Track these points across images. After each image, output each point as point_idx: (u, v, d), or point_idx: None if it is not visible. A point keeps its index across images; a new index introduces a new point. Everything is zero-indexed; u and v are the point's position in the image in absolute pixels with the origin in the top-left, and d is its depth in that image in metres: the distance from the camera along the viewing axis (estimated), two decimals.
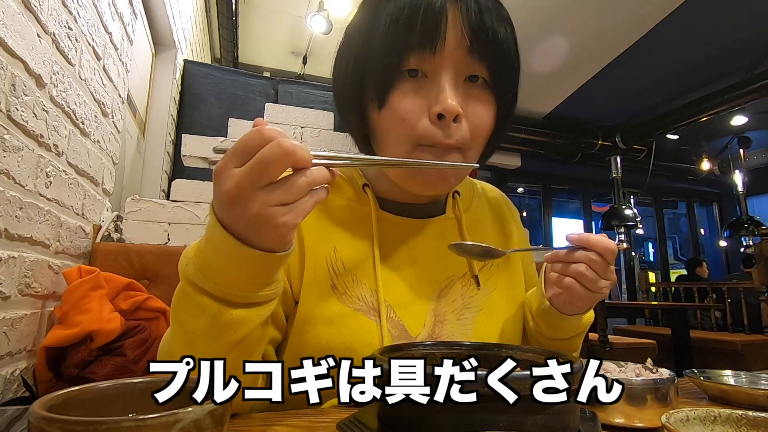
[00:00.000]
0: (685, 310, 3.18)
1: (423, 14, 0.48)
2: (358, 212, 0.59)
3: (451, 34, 0.49)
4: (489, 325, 0.59)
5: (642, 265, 5.69)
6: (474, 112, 0.51)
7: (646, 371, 0.53)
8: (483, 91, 0.53)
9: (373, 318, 0.54)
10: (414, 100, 0.50)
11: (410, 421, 0.36)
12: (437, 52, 0.49)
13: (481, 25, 0.49)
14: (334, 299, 0.54)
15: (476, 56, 0.50)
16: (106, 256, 1.25)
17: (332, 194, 0.59)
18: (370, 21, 0.52)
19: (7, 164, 0.82)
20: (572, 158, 5.63)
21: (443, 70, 0.49)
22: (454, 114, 0.49)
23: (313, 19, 3.36)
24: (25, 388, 0.94)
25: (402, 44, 0.49)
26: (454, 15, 0.49)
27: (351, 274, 0.56)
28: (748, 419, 0.39)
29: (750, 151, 5.97)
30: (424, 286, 0.59)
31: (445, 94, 0.48)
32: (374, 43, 0.51)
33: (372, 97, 0.52)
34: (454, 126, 0.50)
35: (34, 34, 0.88)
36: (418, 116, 0.50)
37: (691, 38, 3.77)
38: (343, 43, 0.58)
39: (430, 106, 0.49)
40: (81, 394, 0.33)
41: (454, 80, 0.50)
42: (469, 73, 0.51)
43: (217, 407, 0.31)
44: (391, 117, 0.51)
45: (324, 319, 0.53)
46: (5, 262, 0.84)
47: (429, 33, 0.48)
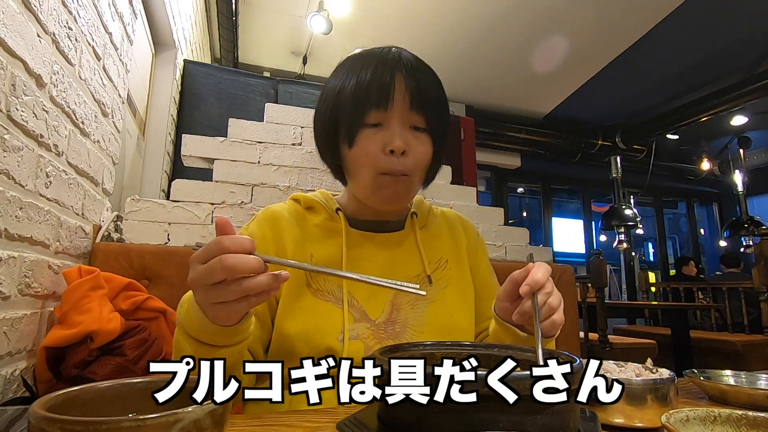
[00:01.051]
0: (685, 310, 3.17)
1: (378, 85, 0.68)
2: (331, 228, 0.76)
3: (398, 98, 0.68)
4: (440, 314, 0.72)
5: (642, 265, 5.68)
6: (416, 149, 0.69)
7: (646, 371, 0.53)
8: (422, 134, 0.70)
9: (339, 306, 0.68)
10: (374, 142, 0.68)
11: (410, 421, 0.36)
12: (388, 109, 0.68)
13: (418, 90, 0.68)
14: (309, 294, 0.69)
15: (415, 112, 0.69)
16: (106, 256, 1.25)
17: (311, 215, 0.77)
18: (342, 86, 0.71)
19: (7, 164, 0.82)
20: (572, 158, 5.63)
21: (393, 121, 0.68)
22: (401, 150, 0.67)
23: (313, 19, 3.36)
24: (25, 388, 0.94)
25: (363, 104, 0.68)
26: (399, 84, 0.68)
27: (323, 275, 0.70)
28: (748, 419, 0.39)
29: (750, 151, 5.97)
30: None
31: (395, 137, 0.67)
32: (344, 103, 0.70)
33: (343, 139, 0.71)
34: (402, 158, 0.68)
35: (34, 34, 0.88)
36: (378, 152, 0.68)
37: (691, 38, 3.77)
38: (319, 101, 0.77)
39: (385, 146, 0.67)
40: (81, 394, 0.34)
41: (401, 128, 0.68)
42: (411, 124, 0.70)
43: (217, 407, 0.31)
44: (358, 153, 0.69)
45: (301, 309, 0.68)
46: (5, 262, 0.84)
47: (383, 97, 0.67)
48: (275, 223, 0.74)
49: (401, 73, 0.69)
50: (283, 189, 1.67)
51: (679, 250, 7.92)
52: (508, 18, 3.57)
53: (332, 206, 0.77)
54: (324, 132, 0.75)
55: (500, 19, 3.58)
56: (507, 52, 4.06)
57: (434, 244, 0.80)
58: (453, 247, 0.82)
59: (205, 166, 1.67)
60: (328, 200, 0.79)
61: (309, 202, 0.78)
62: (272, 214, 0.76)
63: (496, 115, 5.15)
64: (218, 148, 1.64)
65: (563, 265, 1.80)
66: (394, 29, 3.70)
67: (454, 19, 3.57)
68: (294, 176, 1.70)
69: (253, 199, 1.61)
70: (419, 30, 3.72)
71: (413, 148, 0.69)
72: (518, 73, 4.43)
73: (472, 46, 3.97)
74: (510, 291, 0.60)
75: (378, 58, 0.71)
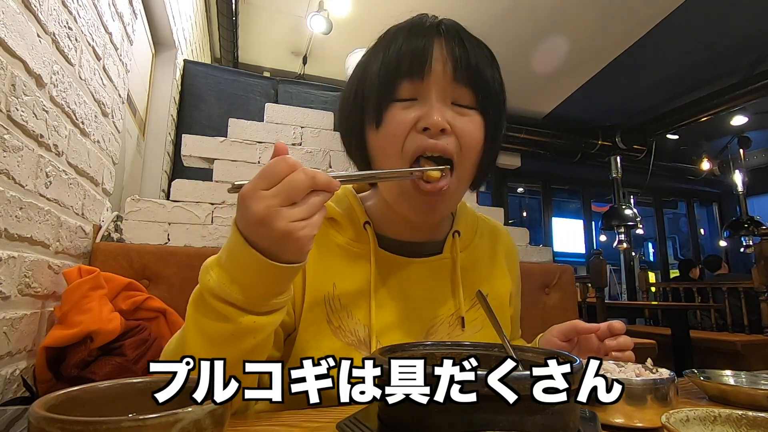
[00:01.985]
0: (685, 310, 3.17)
1: (412, 52, 0.56)
2: (358, 250, 0.63)
3: (437, 65, 0.56)
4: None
5: (642, 265, 5.68)
6: (462, 126, 0.56)
7: (646, 371, 0.53)
8: (470, 112, 0.58)
9: (363, 352, 0.59)
10: (405, 118, 0.56)
11: (410, 421, 0.36)
12: (425, 78, 0.55)
13: (463, 57, 0.56)
14: (329, 333, 0.59)
15: (460, 83, 0.56)
16: (106, 256, 1.25)
17: (334, 232, 0.64)
18: (370, 62, 0.60)
19: (7, 164, 0.82)
20: (572, 158, 5.62)
21: (431, 93, 0.56)
22: (438, 128, 0.54)
23: (313, 19, 3.36)
24: (25, 388, 0.94)
25: (394, 74, 0.56)
26: (439, 50, 0.56)
27: (346, 309, 0.60)
28: (748, 419, 0.39)
29: (750, 151, 5.96)
30: (413, 323, 0.63)
31: (431, 111, 0.54)
32: (372, 77, 0.58)
33: (370, 119, 0.58)
34: (441, 138, 0.55)
35: (34, 34, 0.88)
36: (405, 131, 0.55)
37: (691, 38, 3.77)
38: (347, 82, 0.65)
39: (418, 121, 0.55)
40: (81, 394, 0.33)
41: (441, 101, 0.56)
42: (454, 99, 0.57)
43: (217, 407, 0.31)
44: (385, 134, 0.57)
45: (318, 351, 0.57)
46: (5, 262, 0.84)
47: (417, 64, 0.55)
48: None
49: (440, 38, 0.57)
50: None
51: (679, 250, 7.92)
52: (508, 18, 3.56)
53: (360, 218, 0.64)
54: (348, 117, 0.63)
55: (500, 19, 3.58)
56: (507, 52, 4.06)
57: (474, 272, 0.69)
58: (494, 282, 0.71)
59: (205, 166, 1.67)
60: (355, 207, 0.65)
61: (331, 212, 0.64)
62: None
63: None
64: (218, 148, 1.64)
65: (563, 265, 1.80)
66: None
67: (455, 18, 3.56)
68: None
69: None
70: None
71: (459, 125, 0.56)
72: (518, 73, 4.43)
73: None
74: (568, 334, 0.62)
75: (411, 24, 0.59)
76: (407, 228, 0.65)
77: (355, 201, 0.67)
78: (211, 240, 1.50)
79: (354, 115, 0.61)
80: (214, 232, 1.51)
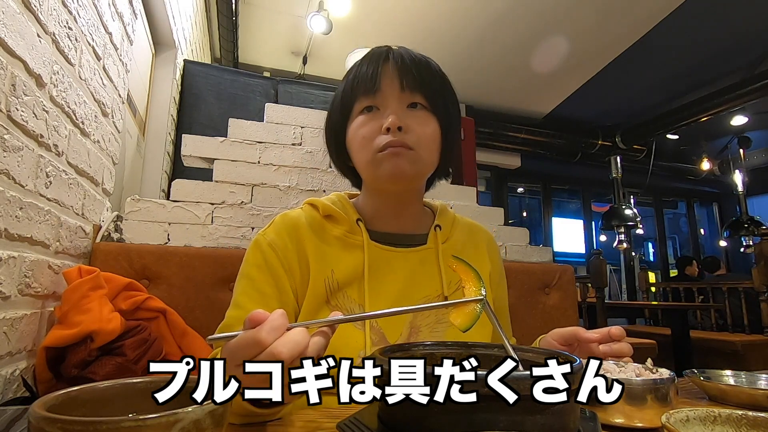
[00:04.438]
0: (685, 310, 3.17)
1: (365, 74, 0.70)
2: (353, 241, 0.73)
3: (386, 81, 0.69)
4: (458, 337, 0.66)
5: (642, 265, 5.68)
6: (416, 124, 0.68)
7: (646, 371, 0.53)
8: (422, 111, 0.70)
9: (359, 327, 0.67)
10: (370, 124, 0.69)
11: (410, 421, 0.36)
12: (376, 93, 0.69)
13: (408, 67, 0.69)
14: (328, 311, 0.67)
15: (409, 91, 0.69)
16: (106, 256, 1.25)
17: (331, 226, 0.74)
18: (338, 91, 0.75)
19: (7, 164, 0.82)
20: (572, 158, 5.62)
21: (387, 101, 0.69)
22: (396, 125, 0.66)
23: (313, 19, 3.36)
24: (25, 388, 0.94)
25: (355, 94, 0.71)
26: (386, 68, 0.69)
27: (343, 291, 0.69)
28: (748, 419, 0.39)
29: (750, 151, 5.97)
30: (403, 303, 0.70)
31: (389, 115, 0.67)
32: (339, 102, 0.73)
33: (342, 130, 0.73)
34: (400, 134, 0.67)
35: (34, 34, 0.88)
36: (375, 134, 0.68)
37: (691, 38, 3.77)
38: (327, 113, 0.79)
39: (381, 125, 0.67)
40: (81, 394, 0.33)
41: (396, 108, 0.68)
42: (408, 102, 0.69)
43: (217, 407, 0.31)
44: (356, 138, 0.70)
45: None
46: (5, 262, 0.84)
47: (370, 83, 0.69)
48: (295, 232, 0.71)
49: (387, 62, 0.70)
50: (283, 189, 1.67)
51: (679, 250, 7.92)
52: (508, 18, 3.57)
53: (352, 216, 0.75)
54: (331, 129, 0.76)
55: (500, 19, 3.58)
56: (507, 52, 4.06)
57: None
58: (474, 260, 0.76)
59: (205, 166, 1.67)
60: (348, 208, 0.76)
61: (328, 210, 0.75)
62: (291, 221, 0.73)
63: (496, 115, 5.15)
64: (218, 148, 1.64)
65: (563, 265, 1.80)
66: (394, 29, 3.70)
67: (455, 18, 3.57)
68: (294, 176, 1.70)
69: (253, 199, 1.61)
70: (419, 30, 3.72)
71: (411, 124, 0.68)
72: (518, 73, 4.43)
73: (472, 46, 3.97)
74: (568, 339, 0.65)
75: (366, 56, 0.73)
76: (393, 221, 0.76)
77: (348, 203, 0.77)
78: (211, 240, 1.50)
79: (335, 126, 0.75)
80: (214, 232, 1.51)
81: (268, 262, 0.68)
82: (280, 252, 0.69)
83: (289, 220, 0.73)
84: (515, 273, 1.64)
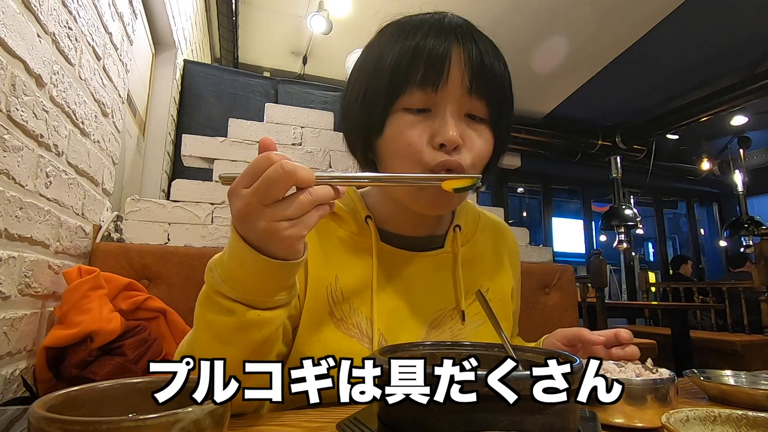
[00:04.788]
0: (685, 310, 3.17)
1: (428, 56, 0.53)
2: (360, 244, 0.63)
3: (455, 75, 0.54)
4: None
5: (642, 265, 5.68)
6: (473, 144, 0.56)
7: (646, 371, 0.53)
8: (481, 125, 0.58)
9: (366, 344, 0.58)
10: (419, 130, 0.55)
11: (410, 421, 0.36)
12: (440, 89, 0.54)
13: (481, 68, 0.55)
14: (331, 326, 0.59)
15: (475, 96, 0.55)
16: (106, 256, 1.25)
17: (335, 226, 0.63)
18: (379, 57, 0.57)
19: (7, 164, 0.82)
20: (572, 158, 5.62)
21: (446, 105, 0.55)
22: (454, 144, 0.54)
23: (313, 19, 3.36)
24: (25, 388, 0.94)
25: (408, 81, 0.54)
26: (458, 57, 0.54)
27: (349, 302, 0.60)
28: (748, 419, 0.39)
29: (750, 151, 5.96)
30: (416, 317, 0.63)
31: (447, 127, 0.53)
32: (382, 79, 0.56)
33: (379, 124, 0.57)
34: (454, 154, 0.54)
35: (34, 34, 0.88)
36: (422, 144, 0.55)
37: (691, 38, 3.77)
38: (349, 81, 0.63)
39: (433, 137, 0.54)
40: (81, 394, 0.33)
41: (456, 115, 0.55)
42: (469, 111, 0.56)
43: (217, 407, 0.31)
44: (399, 143, 0.56)
45: (320, 343, 0.58)
46: (5, 262, 0.84)
47: (433, 72, 0.53)
48: None
49: (459, 45, 0.54)
50: None
51: (679, 250, 7.91)
52: (508, 18, 3.56)
53: (361, 213, 0.64)
54: (354, 118, 0.61)
55: (500, 19, 3.57)
56: (507, 51, 4.01)
57: (476, 267, 0.69)
58: (496, 277, 0.71)
59: (205, 166, 1.67)
60: (356, 202, 0.65)
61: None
62: None
63: None
64: (218, 148, 1.64)
65: (563, 265, 1.80)
66: None
67: None
68: None
69: None
70: None
71: (470, 141, 0.56)
72: (518, 73, 4.37)
73: None
74: (572, 340, 0.62)
75: (429, 23, 0.56)
76: (409, 223, 0.65)
77: (356, 196, 0.66)
78: (211, 240, 1.50)
79: (361, 115, 0.60)
80: (214, 232, 1.51)
81: None
82: None
83: None
84: None
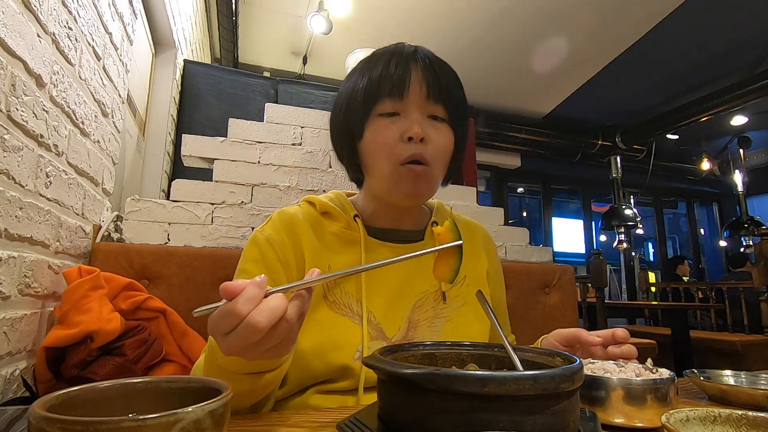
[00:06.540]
0: (685, 310, 3.17)
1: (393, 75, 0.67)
2: (350, 237, 0.73)
3: (415, 85, 0.67)
4: (457, 332, 0.71)
5: (642, 265, 5.68)
6: (436, 138, 0.68)
7: (646, 371, 0.53)
8: (442, 124, 0.70)
9: (356, 321, 0.67)
10: (391, 130, 0.67)
11: (410, 421, 0.36)
12: (404, 97, 0.67)
13: (435, 78, 0.68)
14: (325, 307, 0.67)
15: (432, 100, 0.68)
16: (106, 256, 1.25)
17: (328, 223, 0.74)
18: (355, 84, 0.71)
19: (7, 164, 0.82)
20: (572, 158, 5.62)
21: (411, 109, 0.68)
22: (419, 137, 0.66)
23: (313, 19, 3.36)
24: (25, 388, 0.94)
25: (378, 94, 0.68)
26: (416, 73, 0.68)
27: (341, 287, 0.69)
28: (748, 419, 0.39)
29: (750, 151, 5.97)
30: (402, 298, 0.71)
31: (413, 125, 0.66)
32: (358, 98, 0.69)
33: (359, 130, 0.70)
34: (421, 146, 0.66)
35: (34, 34, 0.88)
36: (395, 141, 0.67)
37: (691, 38, 3.77)
38: (334, 105, 0.76)
39: (403, 133, 0.66)
40: (81, 394, 0.33)
41: (419, 116, 0.67)
42: (430, 113, 0.69)
43: (217, 407, 0.31)
44: (375, 143, 0.68)
45: (316, 322, 0.65)
46: (5, 262, 0.84)
47: (398, 84, 0.67)
48: (292, 229, 0.71)
49: (416, 64, 0.68)
50: (283, 189, 1.67)
51: (679, 250, 7.92)
52: (508, 18, 3.57)
53: (350, 212, 0.75)
54: (339, 130, 0.74)
55: (500, 18, 3.58)
56: (507, 51, 4.06)
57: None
58: (473, 264, 0.80)
59: (205, 166, 1.67)
60: (345, 204, 0.76)
61: (325, 207, 0.75)
62: (289, 218, 0.73)
63: (496, 115, 5.15)
64: (218, 148, 1.64)
65: (563, 265, 1.80)
66: (393, 29, 3.70)
67: (454, 18, 3.56)
68: (294, 176, 1.70)
69: (253, 199, 1.61)
70: (419, 30, 3.72)
71: (433, 136, 0.67)
72: (518, 73, 4.43)
73: (472, 46, 3.97)
74: (570, 340, 0.65)
75: (391, 52, 0.70)
76: (391, 217, 0.76)
77: (345, 200, 0.77)
78: (211, 240, 1.50)
79: (344, 127, 0.72)
80: (214, 232, 1.51)
81: (264, 256, 0.68)
82: (277, 246, 0.69)
83: (286, 217, 0.73)
84: (515, 273, 1.64)
